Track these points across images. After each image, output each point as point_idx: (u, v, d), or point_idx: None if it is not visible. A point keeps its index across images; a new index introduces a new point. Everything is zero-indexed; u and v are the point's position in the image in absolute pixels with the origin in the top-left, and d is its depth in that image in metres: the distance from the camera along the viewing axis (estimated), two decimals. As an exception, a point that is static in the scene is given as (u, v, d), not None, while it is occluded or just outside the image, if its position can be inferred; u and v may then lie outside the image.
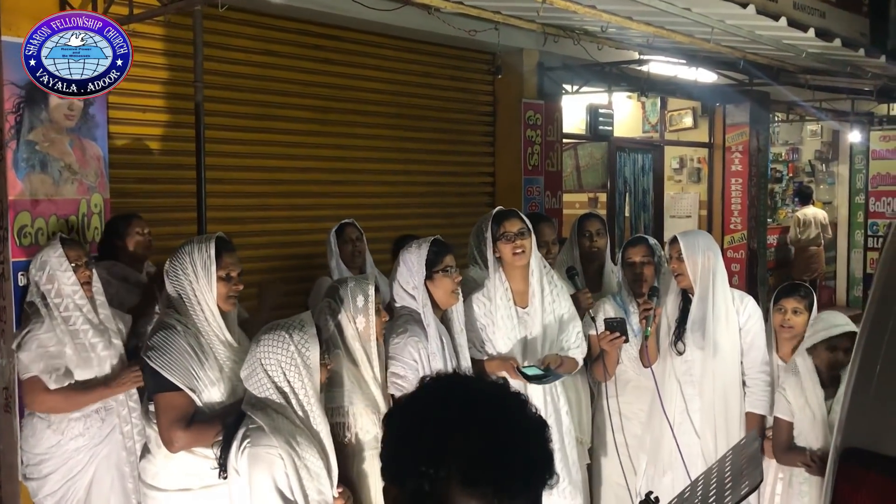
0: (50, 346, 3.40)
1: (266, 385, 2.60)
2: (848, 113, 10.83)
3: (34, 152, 4.25)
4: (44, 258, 3.49)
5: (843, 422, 2.29)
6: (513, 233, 3.57)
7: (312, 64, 5.89)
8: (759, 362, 3.73)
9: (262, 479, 2.46)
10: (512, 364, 3.46)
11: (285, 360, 2.59)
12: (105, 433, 3.48)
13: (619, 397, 3.90)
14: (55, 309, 3.43)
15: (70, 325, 3.43)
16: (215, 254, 2.94)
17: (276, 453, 2.48)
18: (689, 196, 10.45)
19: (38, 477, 3.48)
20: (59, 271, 3.44)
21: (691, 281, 3.71)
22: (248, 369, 2.66)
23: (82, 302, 3.46)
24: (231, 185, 5.46)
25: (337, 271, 4.58)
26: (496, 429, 1.13)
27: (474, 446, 1.11)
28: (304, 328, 2.65)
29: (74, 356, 3.42)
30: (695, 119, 10.20)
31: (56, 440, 3.43)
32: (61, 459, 3.44)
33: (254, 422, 2.55)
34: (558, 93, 7.59)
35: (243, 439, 2.54)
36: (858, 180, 12.50)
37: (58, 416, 3.44)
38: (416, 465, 1.13)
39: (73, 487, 3.45)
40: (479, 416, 1.14)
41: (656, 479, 3.75)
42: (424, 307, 3.27)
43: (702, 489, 2.21)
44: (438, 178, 6.84)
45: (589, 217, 4.47)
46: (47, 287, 3.45)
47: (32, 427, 3.49)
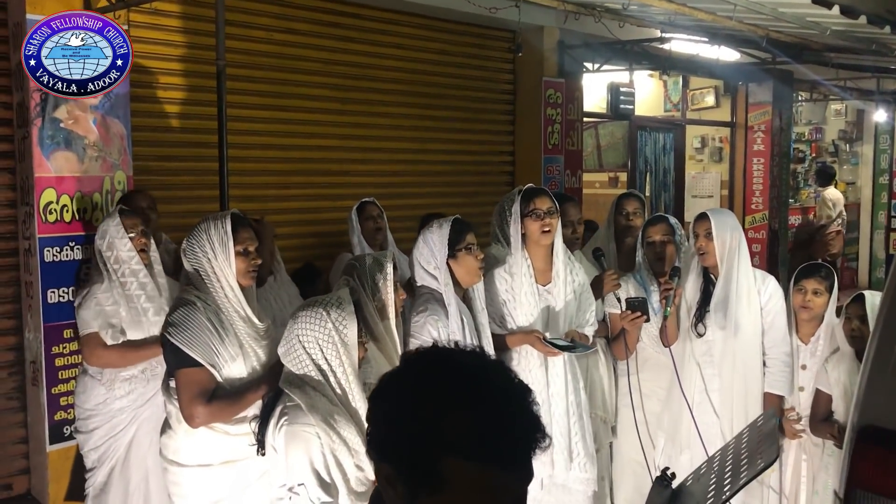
0: (107, 304, 3.62)
1: (305, 361, 2.59)
2: (873, 92, 10.68)
3: (59, 130, 4.30)
4: (104, 227, 3.66)
5: (861, 399, 2.29)
6: (542, 210, 3.57)
7: (333, 42, 5.90)
8: (779, 342, 3.70)
9: (298, 457, 2.46)
10: (537, 336, 3.48)
11: (323, 337, 2.57)
12: (148, 396, 3.63)
13: (638, 374, 3.91)
14: (114, 273, 3.62)
15: (126, 290, 3.61)
16: (231, 229, 2.96)
17: (312, 431, 2.47)
18: (711, 176, 10.38)
19: (85, 431, 3.69)
20: (117, 238, 3.61)
21: (717, 259, 3.66)
22: (286, 345, 2.64)
23: (138, 267, 3.64)
24: (253, 164, 5.49)
25: (358, 248, 4.61)
26: (487, 400, 1.14)
27: (469, 420, 1.12)
28: (342, 305, 2.63)
29: (128, 317, 3.61)
30: (717, 98, 10.12)
31: (104, 397, 3.63)
32: (106, 417, 3.63)
33: (291, 399, 2.54)
34: (579, 71, 7.55)
35: (280, 416, 2.53)
36: (883, 160, 12.35)
37: (109, 374, 3.62)
38: (410, 441, 1.13)
39: (115, 445, 3.64)
40: (470, 389, 1.15)
41: (674, 457, 3.76)
42: (446, 287, 3.29)
43: (718, 466, 2.22)
44: (458, 156, 6.84)
45: (628, 196, 4.43)
46: (108, 254, 3.62)
47: (84, 384, 3.70)
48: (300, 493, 2.43)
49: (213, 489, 2.93)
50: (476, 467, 1.11)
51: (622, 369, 3.94)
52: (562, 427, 3.60)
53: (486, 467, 1.11)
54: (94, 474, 3.70)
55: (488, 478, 1.11)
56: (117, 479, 3.66)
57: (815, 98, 11.48)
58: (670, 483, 2.16)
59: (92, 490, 3.70)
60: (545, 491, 3.64)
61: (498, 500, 1.12)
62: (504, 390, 1.17)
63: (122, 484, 3.65)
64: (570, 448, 3.62)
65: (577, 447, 3.62)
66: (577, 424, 3.62)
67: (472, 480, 1.11)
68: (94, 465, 3.69)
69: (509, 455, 1.12)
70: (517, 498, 1.15)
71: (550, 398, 3.59)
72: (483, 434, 1.11)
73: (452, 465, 1.11)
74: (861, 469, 2.24)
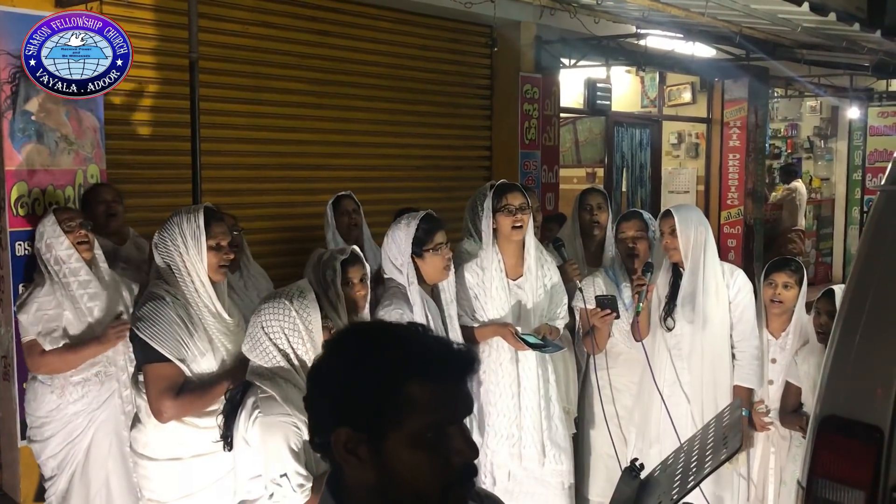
0: (48, 309, 3.51)
1: (272, 352, 2.59)
2: (847, 89, 10.80)
3: (30, 122, 4.26)
4: (41, 229, 3.58)
5: (823, 390, 2.33)
6: (514, 206, 3.59)
7: (309, 36, 5.88)
8: (748, 335, 3.74)
9: (277, 447, 2.45)
10: (510, 330, 3.50)
11: (288, 326, 2.58)
12: (103, 398, 3.58)
13: (609, 370, 3.93)
14: (55, 275, 3.53)
15: (69, 290, 3.53)
16: (204, 223, 2.94)
17: (290, 421, 2.46)
18: (687, 171, 10.46)
19: (40, 439, 3.60)
20: (54, 238, 3.53)
21: (683, 256, 3.70)
22: (251, 340, 2.64)
23: (78, 265, 3.54)
24: (226, 157, 5.47)
25: (333, 243, 4.59)
26: (429, 337, 1.35)
27: (421, 348, 1.31)
28: (304, 294, 2.66)
29: (74, 320, 3.52)
30: (693, 94, 10.19)
31: (56, 404, 3.54)
32: (61, 423, 3.55)
33: (263, 391, 2.54)
34: (556, 66, 7.57)
35: (253, 409, 2.52)
36: (857, 157, 12.49)
37: (59, 380, 3.54)
38: (374, 382, 1.27)
39: (73, 450, 3.56)
40: (412, 331, 1.35)
41: (644, 450, 3.79)
42: (410, 284, 3.31)
43: (684, 456, 2.25)
44: (435, 151, 6.85)
45: (591, 191, 4.48)
46: (47, 255, 3.54)
47: (34, 391, 3.61)
48: (283, 483, 2.43)
49: (184, 483, 2.93)
50: (434, 385, 1.28)
51: (591, 364, 3.97)
52: (534, 421, 3.63)
53: (441, 382, 1.29)
54: (54, 482, 3.61)
55: (444, 392, 1.29)
56: (78, 484, 3.59)
57: (791, 95, 11.59)
58: (639, 474, 2.18)
59: (55, 498, 3.62)
60: (519, 483, 3.67)
61: (452, 413, 1.31)
62: (430, 335, 1.36)
63: (84, 489, 3.59)
64: (543, 441, 3.65)
65: (549, 440, 3.65)
66: (548, 419, 3.65)
67: (432, 397, 1.28)
68: (53, 473, 3.61)
69: (458, 370, 1.32)
70: (465, 410, 1.34)
71: (521, 392, 3.62)
72: (435, 357, 1.30)
73: (414, 388, 1.26)
74: (822, 458, 2.28)
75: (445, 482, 1.29)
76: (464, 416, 1.34)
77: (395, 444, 1.27)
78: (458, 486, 1.32)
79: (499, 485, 3.66)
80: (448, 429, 1.30)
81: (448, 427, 1.30)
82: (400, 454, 1.27)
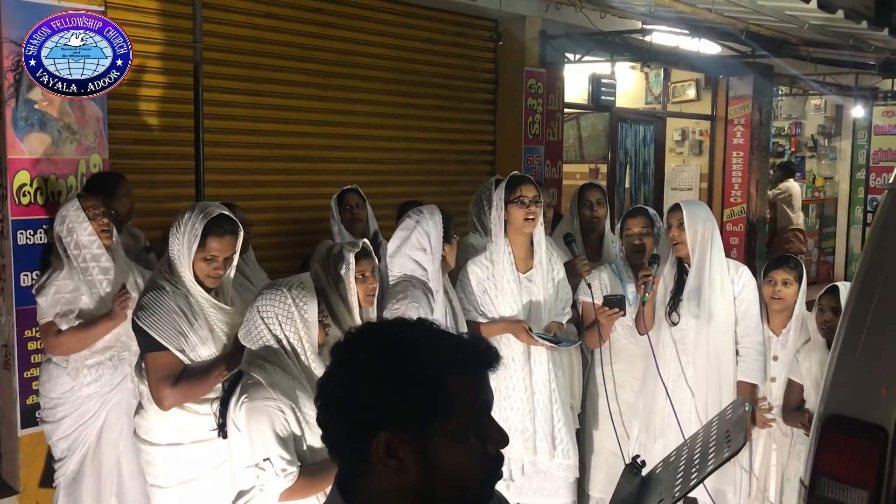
0: (66, 291, 3.55)
1: (263, 334, 2.61)
2: (851, 88, 10.77)
3: (33, 111, 4.25)
4: (63, 212, 3.60)
5: (827, 388, 2.32)
6: (528, 198, 3.59)
7: (313, 28, 5.86)
8: (752, 331, 3.75)
9: (261, 431, 2.47)
10: (524, 326, 3.50)
11: (283, 313, 2.60)
12: (116, 381, 3.61)
13: (612, 365, 3.93)
14: (74, 259, 3.55)
15: (87, 276, 3.56)
16: (202, 234, 2.96)
17: (274, 405, 2.49)
18: (690, 168, 10.43)
19: (52, 420, 3.64)
20: (77, 223, 3.55)
21: (689, 250, 3.70)
22: (246, 325, 2.68)
23: (99, 252, 3.57)
24: (230, 149, 5.45)
25: (339, 237, 4.59)
26: (454, 335, 1.37)
27: (454, 344, 1.33)
28: (303, 285, 2.68)
29: (91, 304, 3.56)
30: (698, 91, 10.15)
31: (70, 385, 3.58)
32: (74, 405, 3.58)
33: (251, 378, 2.57)
34: (560, 62, 7.55)
35: (241, 394, 2.55)
36: (860, 156, 12.46)
37: (74, 362, 3.57)
38: (421, 379, 1.26)
39: (85, 432, 3.60)
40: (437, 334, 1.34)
41: (648, 445, 3.79)
42: (437, 273, 3.35)
43: (687, 453, 2.24)
44: (438, 145, 6.83)
45: (590, 186, 4.49)
46: (67, 239, 3.56)
47: (49, 372, 3.65)
48: (266, 468, 2.45)
49: (186, 468, 2.98)
50: (469, 377, 1.30)
51: (596, 360, 3.97)
52: (545, 415, 3.63)
53: (475, 374, 1.31)
54: (64, 463, 3.65)
55: (478, 383, 1.32)
56: (89, 466, 3.62)
57: (795, 93, 11.55)
58: (640, 470, 2.18)
59: (63, 479, 3.65)
60: (526, 477, 3.66)
61: (486, 401, 1.33)
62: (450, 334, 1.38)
63: (95, 471, 3.63)
64: (553, 435, 3.64)
65: (559, 434, 3.65)
66: (559, 412, 3.66)
67: (471, 389, 1.30)
68: (64, 455, 3.64)
69: (485, 362, 1.34)
70: (492, 399, 1.36)
71: (533, 386, 3.62)
72: (469, 352, 1.33)
73: (454, 382, 1.27)
74: (826, 457, 2.27)
75: (485, 473, 1.30)
76: (492, 405, 1.35)
77: (440, 441, 1.25)
78: (494, 476, 1.33)
79: (513, 480, 3.64)
80: (483, 419, 1.31)
81: (483, 418, 1.31)
82: (446, 451, 1.25)
